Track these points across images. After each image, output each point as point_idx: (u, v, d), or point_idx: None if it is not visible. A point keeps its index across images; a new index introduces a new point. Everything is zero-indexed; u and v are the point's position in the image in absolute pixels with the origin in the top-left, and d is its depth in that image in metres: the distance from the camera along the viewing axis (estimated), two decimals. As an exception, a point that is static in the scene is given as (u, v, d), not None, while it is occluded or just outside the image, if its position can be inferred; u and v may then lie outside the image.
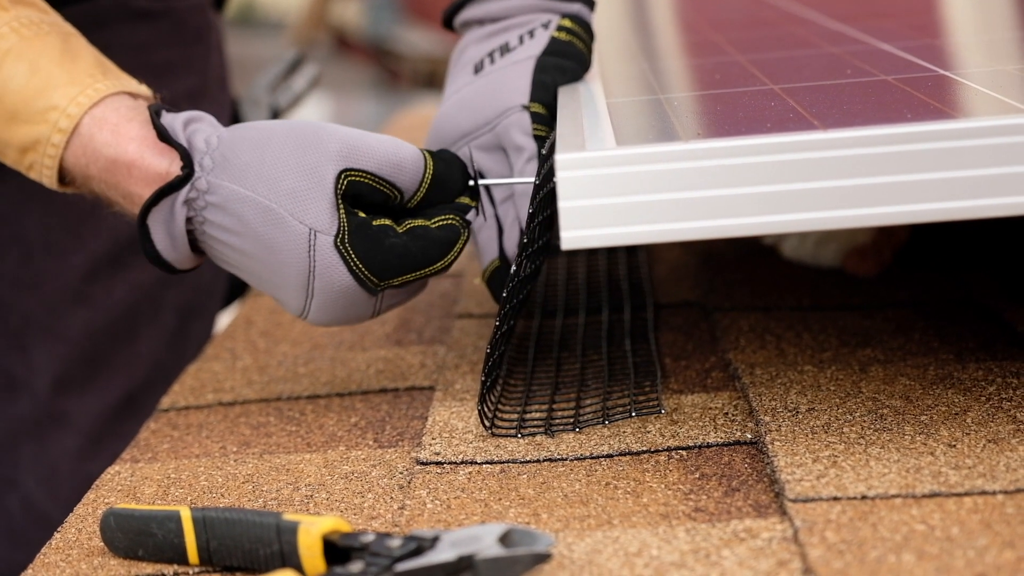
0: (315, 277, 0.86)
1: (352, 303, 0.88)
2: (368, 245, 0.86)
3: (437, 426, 0.87)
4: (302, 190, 0.86)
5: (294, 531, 0.69)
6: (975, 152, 0.70)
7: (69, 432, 1.23)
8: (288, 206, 0.86)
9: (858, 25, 1.16)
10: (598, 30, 0.97)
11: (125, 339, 1.24)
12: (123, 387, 1.25)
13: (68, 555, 0.76)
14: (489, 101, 0.93)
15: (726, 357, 0.93)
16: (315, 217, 0.86)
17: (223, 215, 0.87)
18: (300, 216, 0.86)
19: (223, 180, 0.86)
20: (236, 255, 0.88)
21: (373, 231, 0.87)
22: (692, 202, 0.72)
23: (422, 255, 0.87)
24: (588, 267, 1.18)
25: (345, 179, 0.86)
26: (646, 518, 0.72)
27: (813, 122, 0.75)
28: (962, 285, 1.06)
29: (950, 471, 0.72)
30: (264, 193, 0.86)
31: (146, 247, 0.88)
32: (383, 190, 0.87)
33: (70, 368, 1.22)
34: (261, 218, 0.86)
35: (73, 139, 0.89)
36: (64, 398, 1.22)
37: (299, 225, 0.86)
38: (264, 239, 0.86)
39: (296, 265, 0.86)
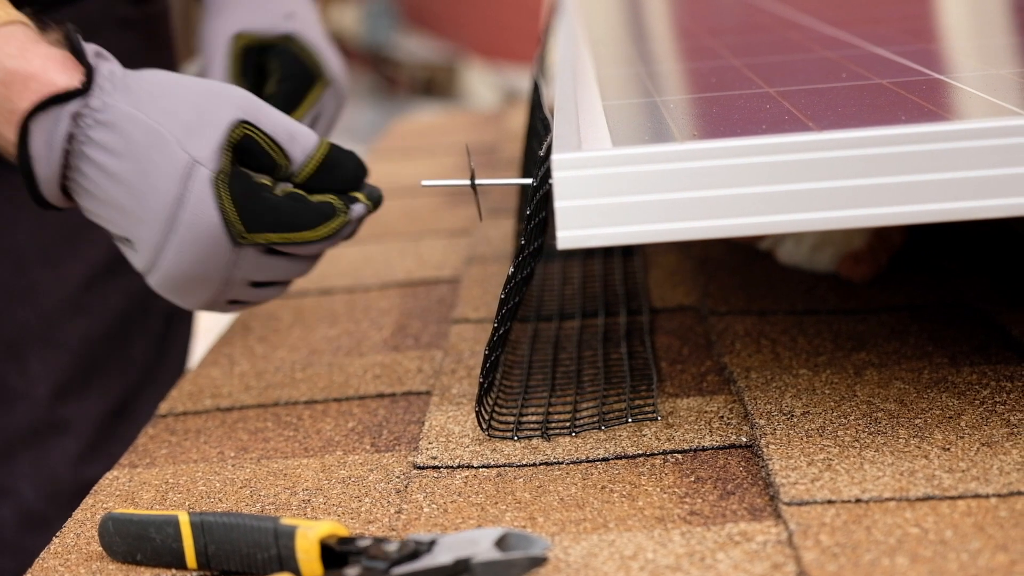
0: (183, 209, 0.85)
1: (210, 253, 0.87)
2: (244, 190, 0.86)
3: (434, 430, 0.87)
4: (195, 124, 0.86)
5: (291, 535, 0.69)
6: (969, 154, 0.71)
7: (68, 439, 1.23)
8: (177, 134, 0.86)
9: (853, 30, 1.16)
10: (595, 34, 0.98)
11: (119, 345, 1.25)
12: (118, 392, 1.25)
13: (67, 560, 0.76)
14: None
15: (721, 361, 0.94)
16: (200, 150, 0.86)
17: (109, 133, 0.86)
18: (186, 146, 0.86)
19: (119, 102, 0.86)
20: (107, 182, 0.86)
21: (252, 181, 0.87)
22: (687, 202, 0.72)
23: (293, 215, 0.87)
24: (584, 272, 1.19)
25: (240, 129, 0.87)
26: (641, 521, 0.72)
27: (808, 124, 0.75)
28: (956, 289, 1.06)
29: (944, 474, 0.72)
30: (157, 119, 0.86)
31: (21, 152, 0.86)
32: (272, 153, 0.88)
33: (69, 376, 1.23)
34: (147, 140, 0.86)
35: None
36: (63, 406, 1.23)
37: (182, 153, 0.85)
38: (143, 161, 0.86)
39: (167, 192, 0.85)
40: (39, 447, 1.23)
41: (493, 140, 1.97)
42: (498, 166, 1.73)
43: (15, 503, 1.23)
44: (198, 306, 0.91)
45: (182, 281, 0.88)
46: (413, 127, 2.30)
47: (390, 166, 1.90)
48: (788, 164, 0.71)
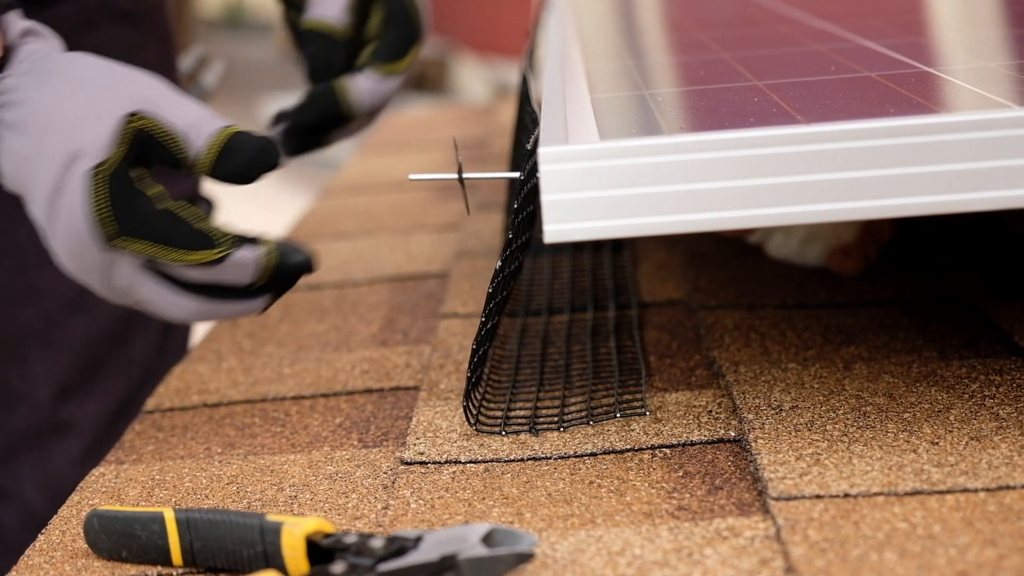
0: (62, 197, 0.84)
1: (80, 249, 0.85)
2: (123, 193, 0.84)
3: (421, 426, 0.87)
4: (87, 113, 0.85)
5: (277, 532, 0.69)
6: (958, 146, 0.70)
7: (71, 439, 1.23)
8: (69, 121, 0.85)
9: (843, 23, 1.16)
10: (585, 28, 0.97)
11: (120, 345, 1.25)
12: (120, 392, 1.25)
13: (52, 557, 0.76)
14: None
15: (710, 355, 0.93)
16: (88, 141, 0.84)
17: (15, 113, 0.86)
18: (75, 135, 0.85)
19: (27, 85, 0.86)
20: (13, 161, 0.87)
21: (133, 186, 0.85)
22: (675, 196, 0.72)
23: (167, 230, 0.85)
24: (573, 266, 1.18)
25: (134, 122, 0.85)
26: (629, 517, 0.72)
27: (796, 116, 0.75)
28: (946, 283, 1.06)
29: (933, 469, 0.72)
30: (54, 104, 0.85)
31: None
32: (169, 145, 0.86)
33: (71, 376, 1.22)
34: (42, 124, 0.85)
35: None
36: (65, 406, 1.22)
37: (67, 141, 0.84)
38: (37, 144, 0.85)
39: (50, 178, 0.85)
40: (41, 448, 1.22)
41: (484, 134, 1.97)
42: (488, 160, 1.72)
43: (18, 505, 1.22)
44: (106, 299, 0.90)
45: (74, 274, 0.88)
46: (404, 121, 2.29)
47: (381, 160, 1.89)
48: (776, 157, 0.71)
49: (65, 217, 0.85)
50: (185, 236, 0.85)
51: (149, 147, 0.86)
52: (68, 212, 0.85)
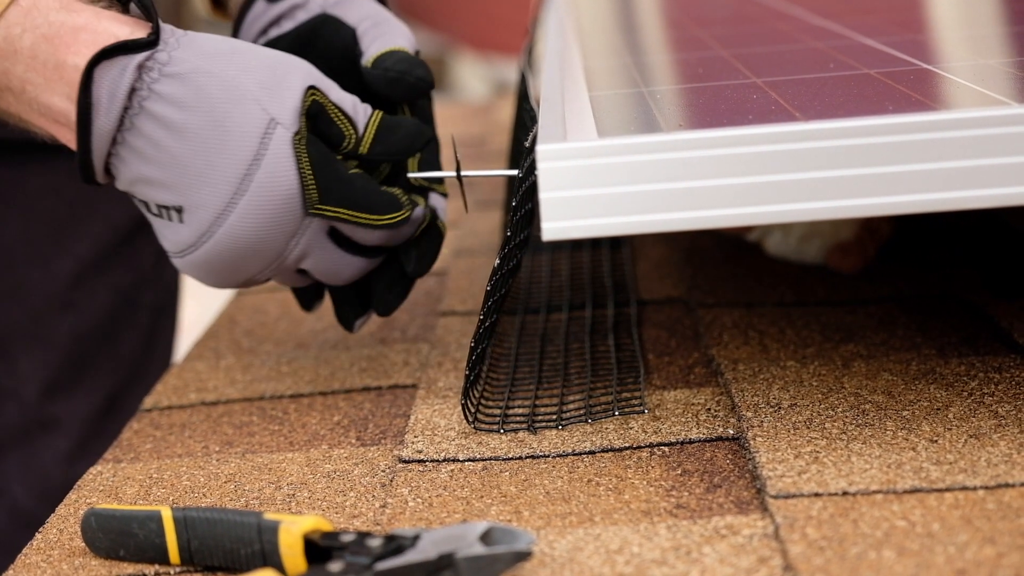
0: (260, 168, 0.82)
1: (278, 220, 0.83)
2: (321, 157, 0.83)
3: (420, 424, 0.87)
4: (272, 84, 0.83)
5: (275, 530, 0.69)
6: (957, 143, 0.70)
7: (59, 437, 1.23)
8: (255, 92, 0.82)
9: (842, 21, 1.16)
10: (584, 25, 0.97)
11: (108, 341, 1.25)
12: (107, 389, 1.25)
13: (49, 555, 0.75)
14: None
15: (709, 353, 0.93)
16: (279, 110, 0.82)
17: (179, 86, 0.81)
18: (265, 104, 0.82)
19: (190, 56, 0.82)
20: (170, 139, 0.82)
21: (328, 152, 0.84)
22: (674, 193, 0.72)
23: (364, 194, 0.85)
24: (572, 264, 1.18)
25: (311, 95, 0.84)
26: (628, 515, 0.72)
27: (795, 114, 0.75)
28: (945, 280, 1.06)
29: (931, 467, 0.72)
30: (233, 74, 0.82)
31: (82, 100, 0.81)
32: (339, 122, 0.85)
33: (58, 374, 1.22)
34: (223, 94, 0.82)
35: (11, 9, 0.81)
36: (53, 403, 1.22)
37: (261, 111, 0.82)
38: (218, 116, 0.81)
39: (245, 151, 0.81)
40: (29, 446, 1.22)
41: (482, 132, 1.96)
42: (487, 158, 1.72)
43: (6, 503, 1.22)
44: (232, 284, 0.87)
45: (236, 253, 0.84)
46: (402, 119, 2.29)
47: (379, 158, 1.89)
48: (775, 154, 0.71)
49: (267, 185, 0.82)
50: (377, 199, 0.85)
51: (318, 123, 0.85)
52: (270, 181, 0.82)
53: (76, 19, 0.82)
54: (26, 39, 0.81)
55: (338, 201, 0.84)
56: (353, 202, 0.84)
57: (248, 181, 0.82)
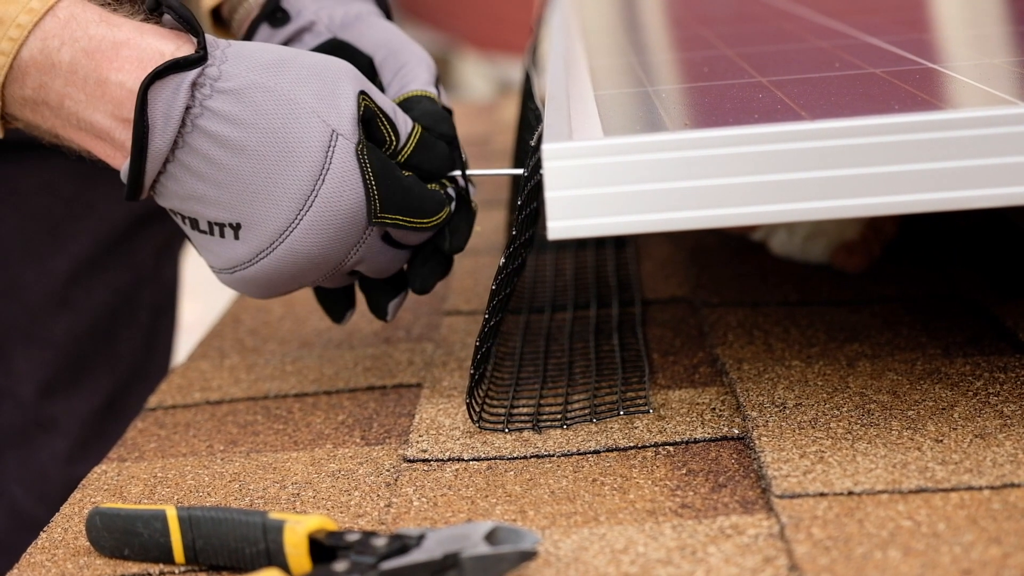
0: (324, 183, 0.80)
1: (344, 233, 0.82)
2: (382, 166, 0.82)
3: (424, 423, 0.87)
4: (327, 94, 0.81)
5: (280, 530, 0.69)
6: (963, 143, 0.70)
7: (57, 437, 1.22)
8: (312, 104, 0.80)
9: (846, 20, 1.16)
10: (588, 24, 0.97)
11: (106, 341, 1.24)
12: (106, 389, 1.24)
13: (54, 555, 0.75)
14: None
15: (714, 352, 0.93)
16: (338, 120, 0.81)
17: (234, 103, 0.80)
18: (324, 116, 0.80)
19: (241, 70, 0.80)
20: (226, 157, 0.80)
21: (387, 160, 0.83)
22: (679, 192, 0.71)
23: (419, 201, 0.84)
24: (576, 263, 1.18)
25: (363, 101, 0.82)
26: (633, 515, 0.72)
27: (801, 113, 0.74)
28: (950, 280, 1.05)
29: (937, 466, 0.72)
30: (287, 88, 0.81)
31: (139, 121, 0.79)
32: (384, 129, 0.84)
33: (55, 373, 1.21)
34: (282, 110, 0.80)
35: (47, 18, 0.79)
36: (50, 403, 1.21)
37: (322, 123, 0.80)
38: (278, 132, 0.80)
39: (309, 166, 0.80)
40: (27, 446, 1.22)
41: (486, 131, 1.96)
42: (491, 157, 1.72)
43: (5, 504, 1.22)
44: (280, 294, 0.87)
45: (297, 267, 0.83)
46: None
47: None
48: (781, 153, 0.71)
49: (331, 201, 0.80)
50: (429, 202, 0.84)
51: (368, 127, 0.83)
52: (336, 195, 0.80)
53: (117, 34, 0.80)
54: (65, 53, 0.80)
55: (397, 209, 0.83)
56: (409, 208, 0.84)
57: (313, 197, 0.81)
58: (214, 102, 0.80)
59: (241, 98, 0.80)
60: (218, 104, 0.80)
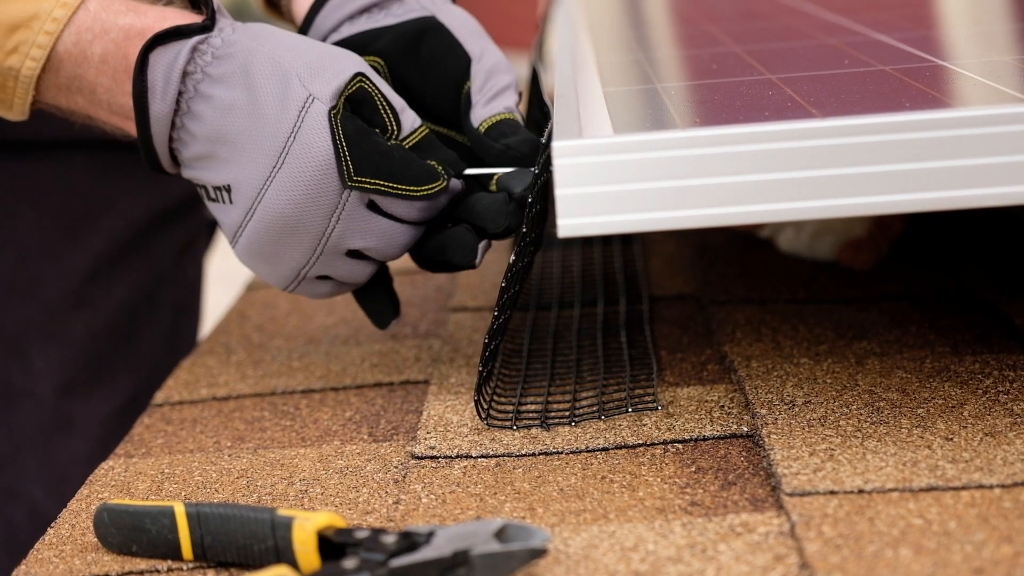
0: (295, 141, 0.82)
1: (316, 192, 0.83)
2: (357, 131, 0.84)
3: (432, 420, 0.86)
4: (318, 66, 0.84)
5: (288, 527, 0.69)
6: (973, 141, 0.70)
7: (77, 438, 1.21)
8: (300, 71, 0.83)
9: (854, 17, 1.15)
10: (594, 21, 0.97)
11: (126, 340, 1.23)
12: (127, 389, 1.23)
13: (61, 551, 0.75)
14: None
15: (722, 350, 0.93)
16: (320, 88, 0.83)
17: (227, 65, 0.83)
18: (307, 83, 0.83)
19: (241, 38, 0.84)
20: (218, 117, 0.83)
21: (365, 126, 0.85)
22: (689, 190, 0.71)
23: (402, 167, 0.84)
24: (583, 260, 1.18)
25: (358, 81, 0.85)
26: (642, 512, 0.71)
27: (811, 111, 0.74)
28: (958, 278, 1.05)
29: (947, 465, 0.72)
30: (281, 54, 0.84)
31: (139, 81, 0.83)
32: (384, 114, 0.85)
33: (74, 373, 1.20)
34: (268, 71, 0.83)
35: (80, 12, 0.84)
36: (70, 403, 1.21)
37: (302, 88, 0.83)
38: (261, 91, 0.83)
39: (281, 122, 0.83)
40: (46, 447, 1.21)
41: (491, 127, 1.96)
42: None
43: (25, 504, 1.21)
44: (286, 274, 0.87)
45: (277, 231, 0.84)
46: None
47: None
48: (791, 151, 0.70)
49: (302, 158, 0.83)
50: (416, 170, 0.84)
51: (363, 109, 0.85)
52: (305, 154, 0.83)
53: (144, 21, 0.84)
54: (96, 47, 0.84)
55: (375, 173, 0.83)
56: (391, 174, 0.84)
57: (284, 155, 0.83)
58: (214, 67, 0.83)
59: (237, 61, 0.84)
60: (216, 68, 0.83)
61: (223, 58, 0.84)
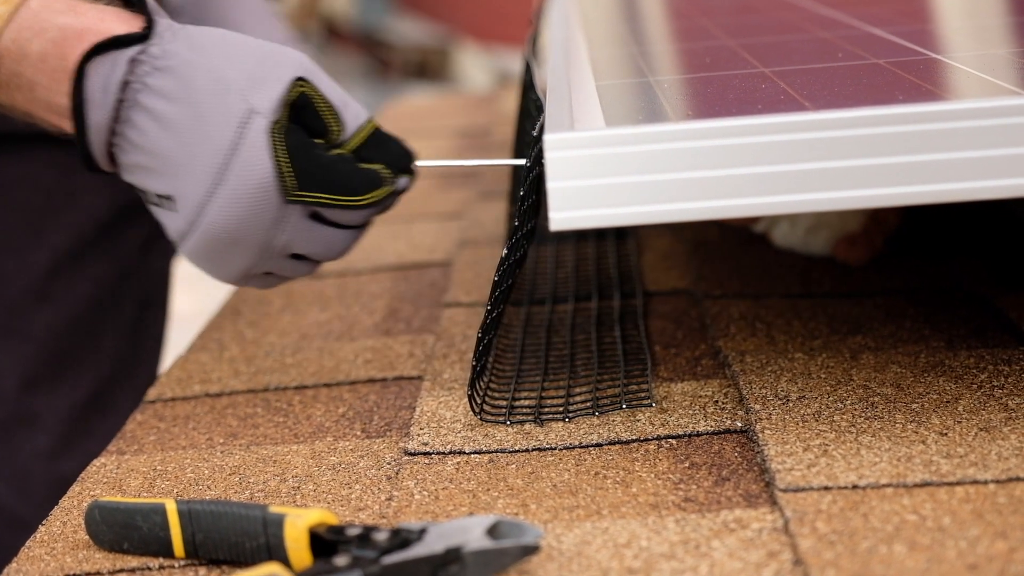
0: (236, 157, 0.83)
1: (257, 208, 0.84)
2: (299, 145, 0.84)
3: (425, 416, 0.86)
4: (258, 76, 0.84)
5: (280, 524, 0.68)
6: (967, 134, 0.69)
7: (39, 432, 1.21)
8: (240, 84, 0.83)
9: (848, 11, 1.15)
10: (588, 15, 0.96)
11: (89, 335, 1.23)
12: (90, 384, 1.23)
13: (52, 548, 0.75)
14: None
15: (716, 345, 0.93)
16: (261, 101, 0.83)
17: (167, 79, 0.83)
18: (247, 95, 0.83)
19: (181, 49, 0.84)
20: (158, 130, 0.83)
21: (307, 138, 0.85)
22: (682, 183, 0.71)
23: (344, 177, 0.85)
24: (577, 255, 1.18)
25: (298, 87, 0.84)
26: (635, 508, 0.71)
27: (804, 103, 0.74)
28: (953, 272, 1.05)
29: (942, 460, 0.71)
30: (220, 66, 0.84)
31: (76, 94, 0.83)
32: (326, 116, 0.86)
33: (37, 368, 1.20)
34: (208, 86, 0.83)
35: (22, 10, 0.83)
36: (32, 398, 1.20)
37: (242, 101, 0.83)
38: (201, 106, 0.83)
39: (222, 139, 0.83)
40: (8, 442, 1.20)
41: (486, 122, 1.96)
42: (491, 148, 1.72)
43: None
44: (232, 276, 0.88)
45: (222, 242, 0.85)
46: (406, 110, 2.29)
47: (382, 149, 1.88)
48: (784, 144, 0.70)
49: (243, 175, 0.83)
50: (359, 180, 0.85)
51: (305, 114, 0.85)
52: (247, 169, 0.83)
53: (82, 21, 0.84)
54: (35, 44, 0.83)
55: (318, 186, 0.84)
56: (334, 186, 0.84)
57: (226, 171, 0.83)
58: (152, 78, 0.83)
59: (177, 75, 0.83)
60: (156, 80, 0.83)
61: (163, 70, 0.83)
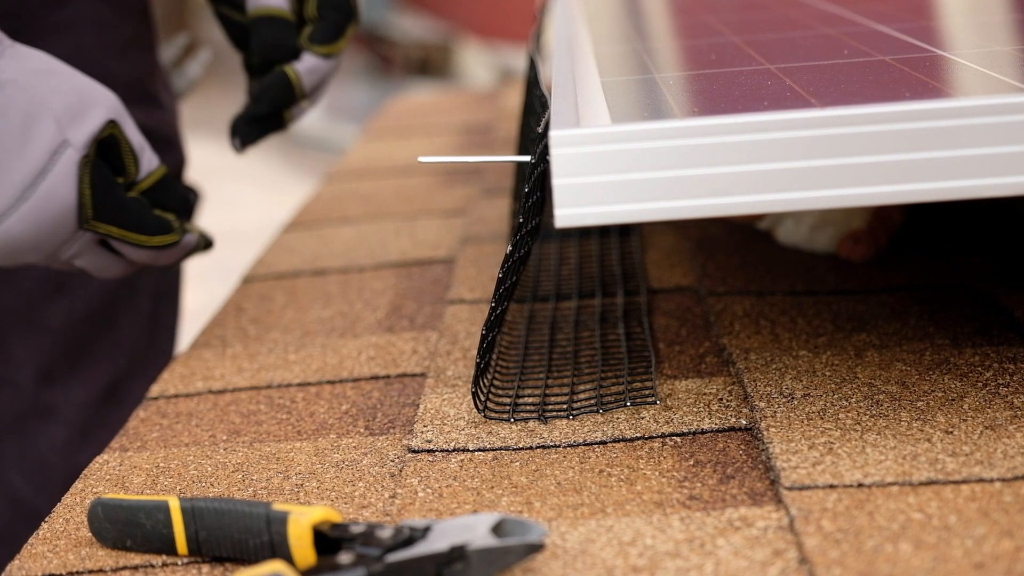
0: (44, 180, 0.90)
1: (53, 229, 0.91)
2: (103, 180, 0.92)
3: (429, 413, 0.86)
4: (76, 110, 0.91)
5: (284, 521, 0.68)
6: (973, 131, 0.69)
7: (56, 425, 1.21)
8: (59, 113, 0.90)
9: (853, 7, 1.15)
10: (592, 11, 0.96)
11: (105, 327, 1.23)
12: (107, 376, 1.23)
13: (55, 545, 0.75)
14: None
15: (720, 342, 0.92)
16: (75, 135, 0.91)
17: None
18: (64, 127, 0.90)
19: (6, 68, 0.90)
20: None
21: (110, 176, 0.93)
22: (687, 180, 0.71)
23: (138, 217, 0.95)
24: (581, 252, 1.17)
25: (110, 129, 0.93)
26: (640, 506, 0.71)
27: (810, 100, 0.74)
28: (958, 270, 1.05)
29: (947, 458, 0.71)
30: (43, 93, 0.91)
31: None
32: (127, 159, 0.94)
33: (53, 360, 1.20)
34: (31, 108, 0.90)
35: None
36: (49, 390, 1.21)
37: (58, 132, 0.90)
38: (20, 125, 0.89)
39: (34, 162, 0.90)
40: (26, 434, 1.21)
41: (489, 119, 1.95)
42: (494, 145, 1.71)
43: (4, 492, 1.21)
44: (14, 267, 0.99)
45: (14, 247, 0.92)
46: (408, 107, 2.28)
47: (385, 146, 1.88)
48: (790, 141, 0.70)
49: (47, 198, 0.90)
50: (149, 222, 0.96)
51: (107, 152, 0.93)
52: (52, 194, 0.90)
53: None
54: None
55: (111, 220, 0.93)
56: (125, 223, 0.94)
57: (32, 190, 0.90)
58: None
59: (3, 90, 0.90)
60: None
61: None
